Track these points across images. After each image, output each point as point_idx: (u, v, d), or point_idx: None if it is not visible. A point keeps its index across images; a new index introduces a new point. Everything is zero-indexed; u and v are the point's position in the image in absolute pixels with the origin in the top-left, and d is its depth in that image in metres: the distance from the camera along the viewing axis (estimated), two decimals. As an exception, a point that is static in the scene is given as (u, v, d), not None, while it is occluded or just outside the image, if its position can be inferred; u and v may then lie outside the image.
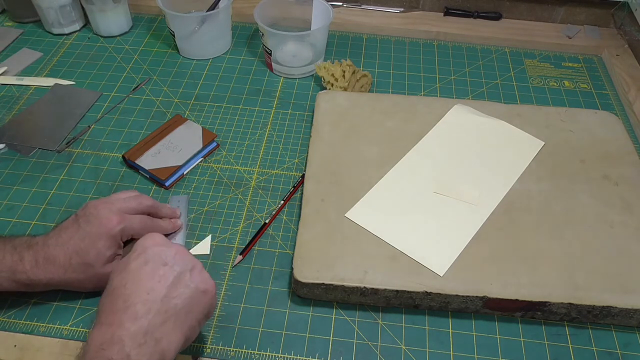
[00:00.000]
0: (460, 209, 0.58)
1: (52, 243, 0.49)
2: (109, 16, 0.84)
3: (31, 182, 0.64)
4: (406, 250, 0.54)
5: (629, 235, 0.57)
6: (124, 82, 0.78)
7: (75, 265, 0.49)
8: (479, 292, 0.51)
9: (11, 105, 0.74)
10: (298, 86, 0.79)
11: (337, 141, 0.65)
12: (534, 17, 0.92)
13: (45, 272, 0.48)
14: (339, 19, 0.89)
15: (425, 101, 0.72)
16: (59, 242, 0.49)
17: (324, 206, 0.58)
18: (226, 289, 0.55)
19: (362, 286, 0.51)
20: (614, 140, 0.67)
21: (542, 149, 0.65)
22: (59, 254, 0.48)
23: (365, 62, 0.84)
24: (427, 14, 0.92)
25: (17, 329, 0.51)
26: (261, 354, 0.50)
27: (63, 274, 0.49)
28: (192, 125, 0.69)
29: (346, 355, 0.50)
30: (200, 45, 0.81)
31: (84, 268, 0.49)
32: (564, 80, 0.82)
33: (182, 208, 0.61)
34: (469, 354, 0.51)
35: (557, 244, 0.56)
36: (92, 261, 0.49)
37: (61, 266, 0.48)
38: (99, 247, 0.49)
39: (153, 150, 0.66)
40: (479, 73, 0.83)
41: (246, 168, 0.67)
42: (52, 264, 0.48)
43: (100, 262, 0.49)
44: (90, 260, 0.49)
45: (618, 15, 0.90)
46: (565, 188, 0.61)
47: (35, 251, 0.48)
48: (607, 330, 0.53)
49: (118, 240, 0.51)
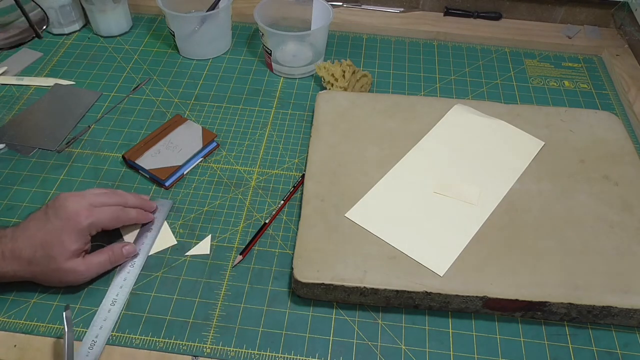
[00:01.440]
0: (460, 209, 0.58)
1: (19, 235, 0.49)
2: (109, 16, 0.84)
3: (31, 182, 0.64)
4: (406, 250, 0.54)
5: (629, 235, 0.57)
6: (124, 82, 0.78)
7: (39, 259, 0.49)
8: (479, 292, 0.51)
9: (11, 105, 0.74)
10: (298, 86, 0.79)
11: (337, 141, 0.65)
12: (534, 17, 0.92)
13: (12, 265, 0.49)
14: (339, 19, 0.89)
15: (425, 101, 0.72)
16: (26, 235, 0.49)
17: (324, 206, 0.58)
18: (226, 289, 0.55)
19: (362, 286, 0.51)
20: (614, 140, 0.67)
21: (542, 149, 0.65)
22: (25, 246, 0.49)
23: (365, 62, 0.84)
24: (427, 14, 0.92)
25: (17, 329, 0.51)
26: (261, 354, 0.50)
27: (27, 267, 0.49)
28: (192, 125, 0.69)
29: (346, 355, 0.50)
30: (200, 45, 0.81)
31: (47, 261, 0.49)
32: (564, 80, 0.82)
33: (161, 212, 0.60)
34: (469, 354, 0.51)
35: (557, 244, 0.56)
36: (56, 255, 0.49)
37: (26, 259, 0.49)
38: (64, 241, 0.49)
39: (153, 150, 0.66)
40: (479, 73, 0.83)
41: (246, 168, 0.67)
42: (17, 257, 0.49)
43: (64, 256, 0.50)
44: (54, 254, 0.49)
45: (618, 15, 0.90)
46: (565, 188, 0.61)
47: (3, 244, 0.49)
48: (607, 330, 0.53)
49: (86, 235, 0.51)
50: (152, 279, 0.55)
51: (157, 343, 0.51)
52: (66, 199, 0.51)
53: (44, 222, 0.50)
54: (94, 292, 0.54)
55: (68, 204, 0.51)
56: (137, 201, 0.58)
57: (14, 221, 0.60)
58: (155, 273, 0.56)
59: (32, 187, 0.63)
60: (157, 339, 0.51)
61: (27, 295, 0.53)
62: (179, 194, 0.63)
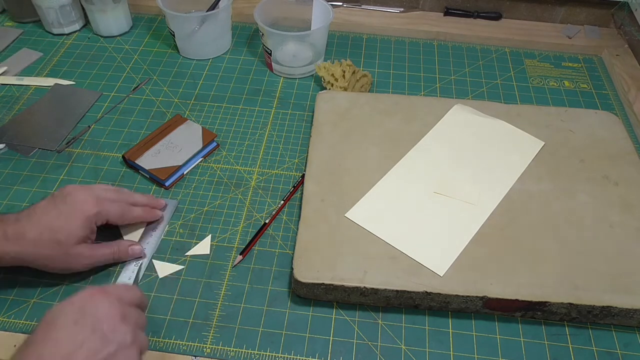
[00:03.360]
0: (460, 209, 0.58)
1: (24, 219, 0.49)
2: (109, 16, 0.84)
3: (31, 182, 0.64)
4: (406, 250, 0.54)
5: (629, 235, 0.57)
6: (124, 82, 0.78)
7: (46, 241, 0.49)
8: (479, 292, 0.51)
9: (11, 105, 0.74)
10: (298, 86, 0.79)
11: (337, 141, 0.65)
12: (534, 17, 0.92)
13: (14, 245, 0.48)
14: (339, 19, 0.89)
15: (425, 101, 0.72)
16: (31, 219, 0.49)
17: (324, 206, 0.58)
18: (226, 289, 0.55)
19: (362, 286, 0.51)
20: (614, 140, 0.67)
21: (542, 149, 0.65)
22: (31, 229, 0.49)
23: (365, 62, 0.84)
24: (427, 14, 0.92)
25: (17, 329, 0.51)
26: (261, 354, 0.50)
27: (32, 248, 0.49)
28: (192, 125, 0.69)
29: (346, 355, 0.50)
30: (200, 45, 0.81)
31: (54, 245, 0.49)
32: (564, 80, 0.82)
33: (166, 212, 0.61)
34: (469, 354, 0.51)
35: (557, 244, 0.56)
36: (64, 238, 0.49)
37: (31, 241, 0.48)
38: (72, 225, 0.49)
39: (153, 150, 0.66)
40: (479, 73, 0.83)
41: (246, 168, 0.67)
42: (22, 238, 0.48)
43: (72, 241, 0.50)
44: (62, 238, 0.49)
45: (618, 15, 0.90)
46: (565, 188, 0.61)
47: (6, 225, 0.48)
48: (607, 330, 0.53)
49: (92, 224, 0.51)
50: (152, 279, 0.55)
51: (157, 343, 0.50)
52: (74, 188, 0.52)
53: (51, 207, 0.50)
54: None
55: (76, 192, 0.51)
56: (144, 199, 0.58)
57: (14, 221, 0.60)
58: (155, 273, 0.56)
59: (32, 187, 0.63)
60: (157, 339, 0.51)
61: (27, 295, 0.53)
62: (179, 194, 0.63)
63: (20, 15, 0.87)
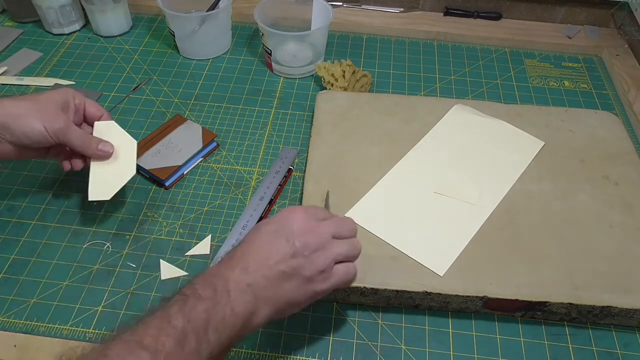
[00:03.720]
0: (460, 209, 0.58)
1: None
2: (109, 16, 0.84)
3: (31, 182, 0.64)
4: (406, 250, 0.54)
5: (629, 235, 0.57)
6: (124, 82, 0.78)
7: (27, 99, 0.53)
8: (479, 292, 0.51)
9: (11, 105, 0.74)
10: (298, 86, 0.79)
11: (337, 141, 0.65)
12: (534, 17, 0.92)
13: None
14: (339, 19, 0.89)
15: (425, 101, 0.72)
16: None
17: (324, 206, 0.58)
18: (226, 289, 0.55)
19: (362, 286, 0.51)
20: (614, 140, 0.67)
21: (542, 149, 0.65)
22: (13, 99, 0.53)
23: (365, 62, 0.84)
24: (427, 14, 0.92)
25: (17, 329, 0.51)
26: (261, 354, 0.50)
27: (12, 100, 0.52)
28: (192, 125, 0.69)
29: (346, 355, 0.50)
30: (200, 45, 0.81)
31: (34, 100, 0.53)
32: (564, 80, 0.82)
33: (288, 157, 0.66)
34: (469, 354, 0.51)
35: (557, 244, 0.56)
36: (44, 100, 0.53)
37: (13, 99, 0.53)
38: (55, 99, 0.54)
39: (153, 150, 0.66)
40: (479, 73, 0.83)
41: (246, 168, 0.67)
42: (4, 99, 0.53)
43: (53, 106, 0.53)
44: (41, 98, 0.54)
45: (618, 15, 0.90)
46: (565, 188, 0.61)
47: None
48: (607, 330, 0.53)
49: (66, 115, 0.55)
50: (152, 279, 0.55)
51: (157, 343, 0.50)
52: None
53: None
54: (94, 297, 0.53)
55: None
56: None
57: (14, 221, 0.60)
58: (155, 273, 0.56)
59: (32, 187, 0.63)
60: (157, 339, 0.51)
61: (27, 295, 0.53)
62: (179, 194, 0.63)
63: (20, 15, 0.87)
